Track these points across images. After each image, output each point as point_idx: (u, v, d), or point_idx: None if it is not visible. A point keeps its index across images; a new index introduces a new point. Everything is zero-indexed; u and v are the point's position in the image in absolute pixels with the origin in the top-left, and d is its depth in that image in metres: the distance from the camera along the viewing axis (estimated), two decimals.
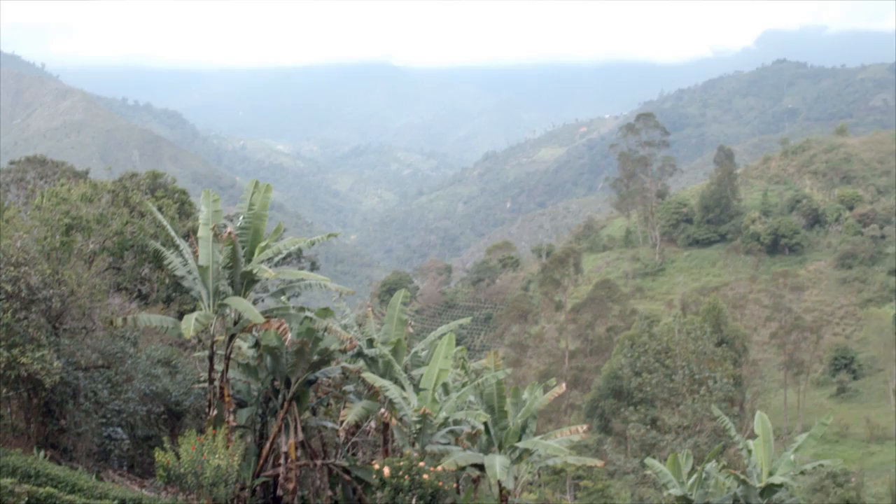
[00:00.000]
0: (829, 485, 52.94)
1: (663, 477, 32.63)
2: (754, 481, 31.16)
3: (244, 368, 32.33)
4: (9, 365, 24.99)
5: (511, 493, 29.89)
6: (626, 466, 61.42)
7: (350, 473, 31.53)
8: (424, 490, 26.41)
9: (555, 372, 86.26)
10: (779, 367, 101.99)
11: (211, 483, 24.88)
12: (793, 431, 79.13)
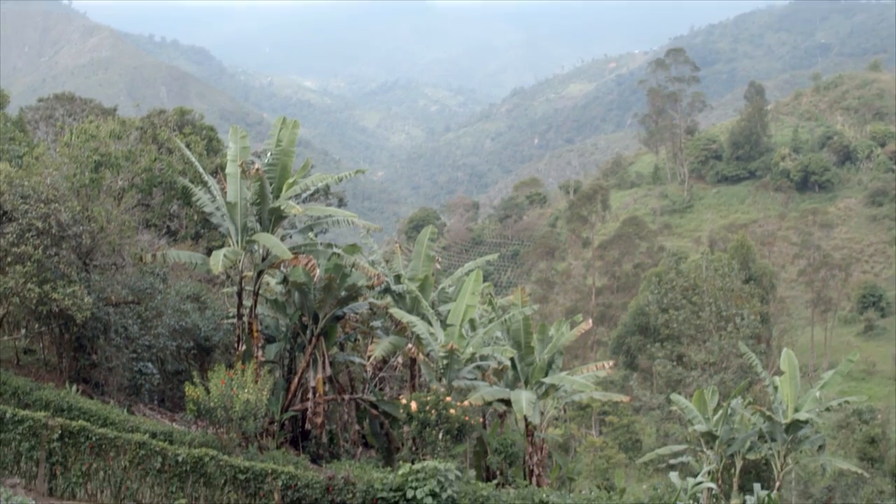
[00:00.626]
0: (855, 422, 53.00)
1: (689, 413, 32.78)
2: (780, 417, 31.23)
3: (272, 304, 32.59)
4: (41, 301, 25.29)
5: (537, 428, 30.13)
6: (652, 402, 61.70)
7: (377, 408, 31.86)
8: (451, 424, 26.64)
9: (581, 308, 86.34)
10: (806, 305, 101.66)
11: (240, 417, 25.18)
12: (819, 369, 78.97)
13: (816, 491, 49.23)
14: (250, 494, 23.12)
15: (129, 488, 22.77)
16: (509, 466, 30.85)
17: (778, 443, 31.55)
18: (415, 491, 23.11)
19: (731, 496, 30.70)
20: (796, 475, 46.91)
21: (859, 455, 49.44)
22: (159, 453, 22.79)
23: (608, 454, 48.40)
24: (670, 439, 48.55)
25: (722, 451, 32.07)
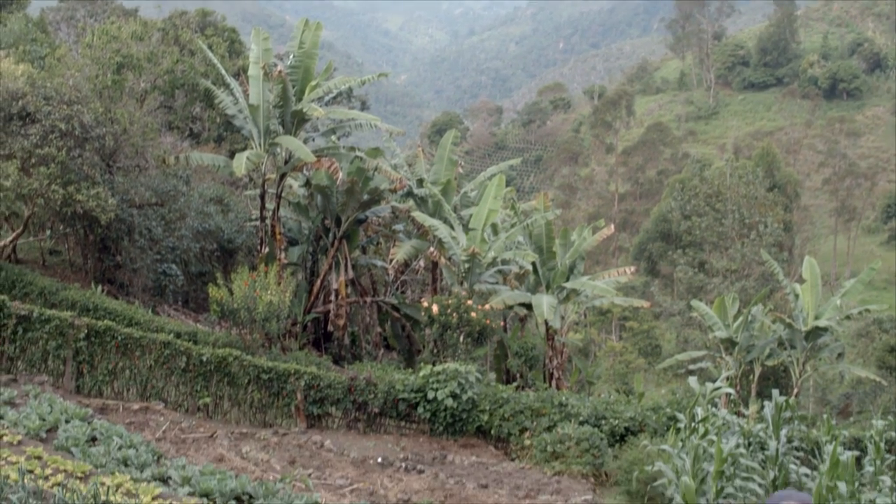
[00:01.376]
0: (875, 330, 53.03)
1: (709, 319, 32.86)
2: (800, 325, 31.27)
3: (295, 207, 32.70)
4: (65, 202, 25.43)
5: (557, 332, 30.32)
6: (673, 308, 61.87)
7: (399, 311, 32.13)
8: (472, 328, 26.86)
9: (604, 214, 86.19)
10: (830, 214, 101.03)
11: (263, 318, 25.46)
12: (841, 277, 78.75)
13: (834, 398, 49.56)
14: (273, 394, 23.49)
15: (155, 387, 23.15)
16: (529, 370, 31.15)
17: (797, 350, 31.66)
18: (435, 392, 23.41)
19: (749, 402, 30.94)
20: (814, 382, 47.21)
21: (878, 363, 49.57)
22: (184, 353, 23.11)
23: (628, 359, 48.78)
24: (690, 345, 48.77)
25: (741, 357, 32.22)
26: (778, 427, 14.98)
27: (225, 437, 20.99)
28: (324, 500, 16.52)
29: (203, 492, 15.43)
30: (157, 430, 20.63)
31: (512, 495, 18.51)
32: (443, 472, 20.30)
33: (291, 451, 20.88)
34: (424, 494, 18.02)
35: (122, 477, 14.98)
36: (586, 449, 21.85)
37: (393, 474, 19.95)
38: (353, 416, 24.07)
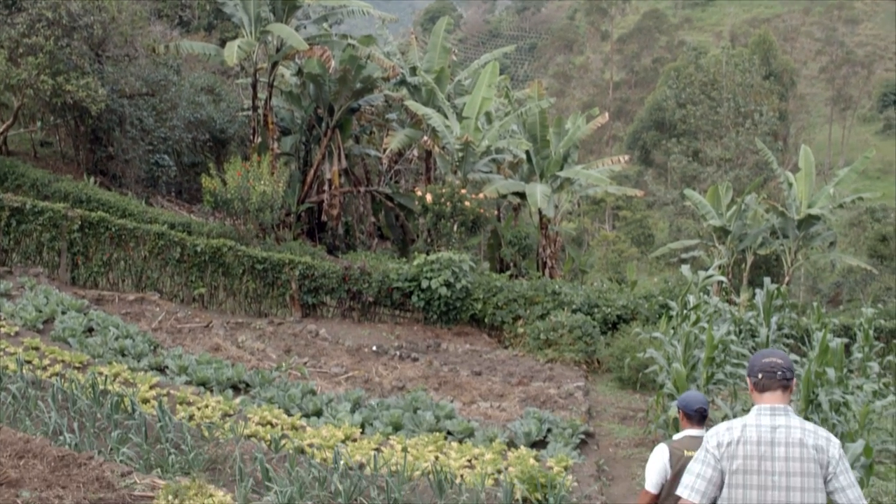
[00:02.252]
0: (867, 219, 53.21)
1: (702, 208, 32.90)
2: (793, 213, 31.35)
3: (287, 96, 32.38)
4: (54, 93, 25.13)
5: (551, 221, 30.38)
6: (666, 197, 61.87)
7: (393, 200, 32.11)
8: (466, 216, 26.87)
9: (598, 102, 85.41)
10: (826, 102, 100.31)
11: (257, 208, 25.44)
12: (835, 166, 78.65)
13: (825, 287, 49.96)
14: (268, 284, 23.61)
15: (150, 277, 23.24)
16: (523, 258, 31.30)
17: (789, 239, 31.80)
18: (429, 281, 23.53)
19: (740, 290, 31.19)
20: (805, 271, 47.49)
21: (869, 252, 49.85)
22: (178, 244, 23.15)
23: (621, 248, 48.92)
24: (683, 234, 48.95)
25: (734, 246, 32.37)
26: (769, 314, 15.11)
27: (220, 327, 21.16)
28: (319, 387, 16.73)
29: (200, 380, 15.62)
30: (153, 321, 20.79)
31: (505, 382, 18.75)
32: (437, 360, 20.53)
33: (287, 340, 21.07)
34: (419, 381, 18.24)
35: (119, 366, 15.15)
36: (579, 336, 22.07)
37: (388, 362, 20.17)
38: (347, 305, 24.24)
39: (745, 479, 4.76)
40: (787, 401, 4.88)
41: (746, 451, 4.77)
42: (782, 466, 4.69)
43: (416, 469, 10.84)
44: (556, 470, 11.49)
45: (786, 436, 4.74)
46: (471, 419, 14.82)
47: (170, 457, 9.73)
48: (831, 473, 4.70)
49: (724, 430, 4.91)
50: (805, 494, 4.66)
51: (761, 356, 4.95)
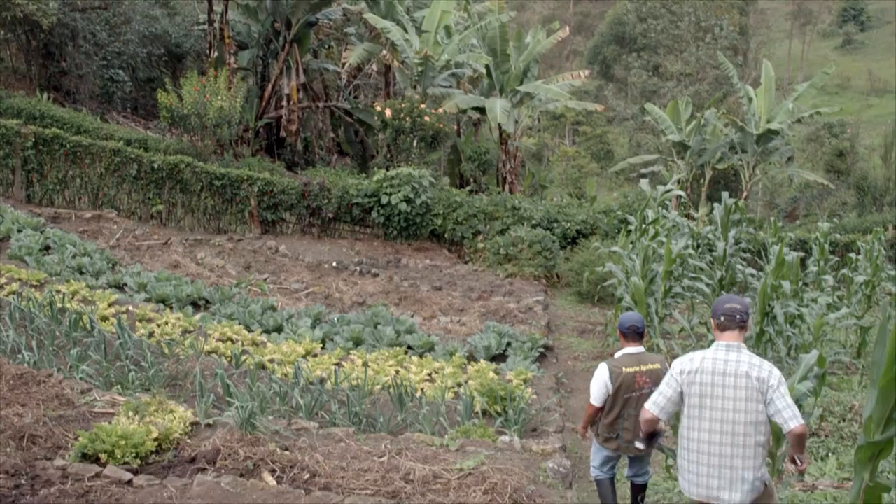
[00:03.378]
0: (825, 135, 53.50)
1: (662, 123, 32.95)
2: (752, 128, 31.45)
3: (244, 9, 31.79)
4: (3, 6, 24.52)
5: (511, 137, 30.29)
6: (626, 112, 61.85)
7: (352, 116, 31.82)
8: (425, 132, 26.70)
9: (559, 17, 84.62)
10: (786, 17, 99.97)
11: (214, 124, 25.14)
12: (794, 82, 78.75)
13: (782, 202, 50.38)
14: (227, 200, 23.44)
15: (106, 195, 22.99)
16: (483, 174, 31.24)
17: (748, 154, 31.95)
18: (389, 197, 23.47)
19: (699, 205, 31.42)
20: (763, 186, 47.86)
21: (826, 168, 50.24)
22: (135, 160, 22.88)
23: (580, 163, 48.96)
24: (642, 149, 48.95)
25: (693, 160, 32.51)
26: (726, 229, 15.22)
27: (179, 244, 21.03)
28: (280, 303, 16.73)
29: (159, 297, 15.55)
30: (110, 238, 20.61)
31: (465, 297, 18.84)
32: (397, 276, 20.57)
33: (246, 257, 21.00)
34: (379, 297, 18.29)
35: (77, 284, 15.04)
36: (538, 251, 22.17)
37: (348, 278, 20.18)
38: (307, 221, 24.15)
39: (700, 401, 5.71)
40: (742, 339, 5.79)
41: (703, 378, 5.70)
42: (730, 393, 5.62)
43: (376, 383, 10.91)
44: (516, 383, 11.61)
45: (735, 368, 5.65)
46: (431, 334, 14.91)
47: (130, 374, 9.72)
48: (769, 399, 5.57)
49: (688, 360, 5.84)
50: (747, 415, 5.58)
51: (723, 302, 5.87)
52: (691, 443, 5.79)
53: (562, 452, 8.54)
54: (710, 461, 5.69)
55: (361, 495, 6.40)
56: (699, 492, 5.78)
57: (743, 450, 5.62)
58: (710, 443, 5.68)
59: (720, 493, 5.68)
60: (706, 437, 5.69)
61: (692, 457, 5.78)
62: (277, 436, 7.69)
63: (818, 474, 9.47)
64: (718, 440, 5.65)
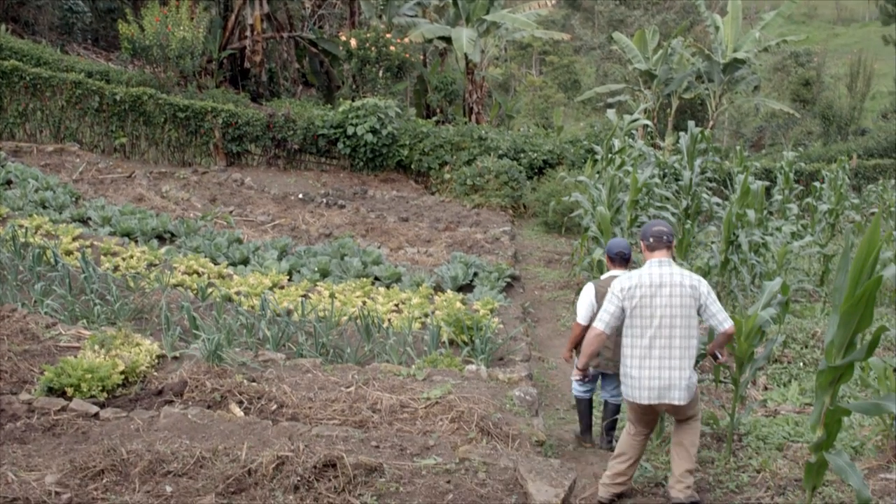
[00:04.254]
0: (791, 64, 53.54)
1: (629, 52, 32.77)
2: (718, 57, 31.38)
3: None
4: None
5: (477, 67, 30.07)
6: (593, 42, 61.52)
7: (317, 46, 31.43)
8: (391, 62, 26.48)
9: None
10: None
11: (177, 55, 24.79)
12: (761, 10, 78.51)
13: (748, 131, 50.53)
14: (191, 132, 23.22)
15: (68, 128, 22.68)
16: (449, 104, 31.07)
17: (714, 83, 31.92)
18: (355, 128, 23.34)
19: (665, 134, 31.44)
20: (730, 116, 47.93)
21: (792, 97, 50.34)
22: (96, 92, 22.55)
23: (547, 93, 48.72)
24: (609, 79, 48.82)
25: (659, 90, 32.43)
26: (692, 158, 15.24)
27: (143, 177, 20.84)
28: (246, 236, 16.68)
29: (124, 231, 15.45)
30: (73, 172, 20.38)
31: (432, 228, 18.85)
32: (364, 207, 20.53)
33: (212, 189, 20.87)
34: (346, 228, 18.26)
35: (40, 219, 14.91)
36: (505, 182, 22.17)
37: (314, 210, 20.12)
38: (272, 153, 24.00)
39: (640, 311, 6.26)
40: (670, 256, 6.46)
41: (642, 291, 6.27)
42: (667, 300, 6.21)
43: (343, 314, 10.93)
44: (483, 312, 11.67)
45: (669, 279, 6.27)
46: (398, 265, 14.93)
47: (95, 307, 9.68)
48: (703, 304, 6.27)
49: (626, 278, 6.40)
50: (682, 320, 6.19)
51: (651, 226, 6.55)
52: (634, 350, 6.29)
53: (528, 381, 8.63)
54: (652, 364, 6.22)
55: (329, 425, 6.43)
56: (641, 395, 6.28)
57: (680, 351, 6.20)
58: (651, 347, 6.22)
59: (661, 392, 6.22)
60: (647, 342, 6.23)
61: (635, 363, 6.28)
62: (244, 367, 7.71)
63: (780, 400, 9.63)
64: (658, 344, 6.21)
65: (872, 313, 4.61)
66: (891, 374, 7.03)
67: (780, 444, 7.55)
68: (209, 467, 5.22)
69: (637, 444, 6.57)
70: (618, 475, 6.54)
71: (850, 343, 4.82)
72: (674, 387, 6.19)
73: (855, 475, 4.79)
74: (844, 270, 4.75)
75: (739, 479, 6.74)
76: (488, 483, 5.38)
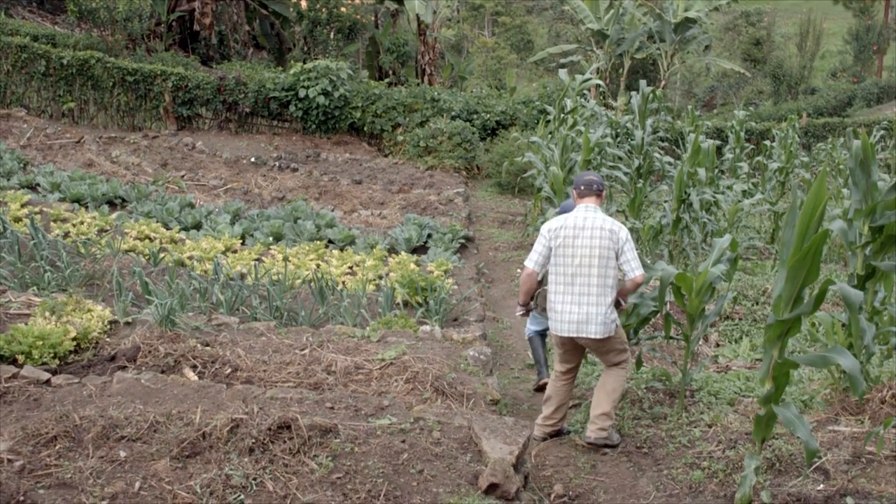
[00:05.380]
0: (742, 24, 53.88)
1: (580, 12, 32.72)
2: (669, 17, 31.44)
3: None
4: None
5: (430, 28, 29.91)
6: (545, 2, 61.41)
7: (267, 8, 31.09)
8: (342, 23, 26.31)
9: None
10: None
11: (124, 18, 24.45)
12: None
13: (700, 91, 50.86)
14: (140, 96, 22.95)
15: (15, 93, 22.34)
16: (402, 66, 30.92)
17: (666, 43, 32.00)
18: (307, 90, 23.19)
19: (618, 94, 31.51)
20: (682, 76, 48.14)
21: (743, 56, 50.69)
22: (42, 56, 22.20)
23: (500, 55, 48.69)
24: (562, 39, 48.81)
25: (611, 50, 32.44)
26: (644, 117, 15.32)
27: (93, 142, 20.59)
28: (198, 200, 16.56)
29: (74, 197, 15.28)
30: (21, 138, 20.09)
31: (385, 190, 18.82)
32: (317, 170, 20.45)
33: (163, 154, 20.66)
34: (299, 192, 18.19)
35: None
36: (458, 143, 22.16)
37: (267, 173, 20.01)
38: (224, 116, 23.79)
39: (563, 250, 6.82)
40: (599, 204, 7.01)
41: (566, 232, 6.82)
42: (588, 242, 6.75)
43: (297, 277, 10.91)
44: (437, 274, 11.70)
45: (592, 223, 6.80)
46: (352, 227, 14.91)
47: (45, 274, 9.58)
48: (620, 249, 6.77)
49: (554, 221, 6.98)
50: (601, 260, 6.72)
51: (583, 175, 7.13)
52: (557, 286, 6.86)
53: (482, 340, 8.68)
54: (573, 299, 6.78)
55: (283, 387, 6.44)
56: (562, 327, 6.84)
57: (597, 289, 6.73)
58: (572, 284, 6.79)
59: (579, 326, 6.76)
60: (569, 279, 6.80)
61: (558, 297, 6.85)
62: (198, 332, 7.67)
63: (732, 356, 9.77)
64: (578, 281, 6.77)
65: (819, 267, 4.68)
66: (839, 328, 7.15)
67: (732, 399, 7.67)
68: (163, 431, 5.21)
69: (561, 388, 7.14)
70: (547, 418, 7.17)
71: (797, 297, 4.89)
72: (591, 321, 6.73)
73: (802, 427, 4.88)
74: (791, 226, 4.81)
75: (691, 434, 6.85)
76: (443, 442, 5.42)
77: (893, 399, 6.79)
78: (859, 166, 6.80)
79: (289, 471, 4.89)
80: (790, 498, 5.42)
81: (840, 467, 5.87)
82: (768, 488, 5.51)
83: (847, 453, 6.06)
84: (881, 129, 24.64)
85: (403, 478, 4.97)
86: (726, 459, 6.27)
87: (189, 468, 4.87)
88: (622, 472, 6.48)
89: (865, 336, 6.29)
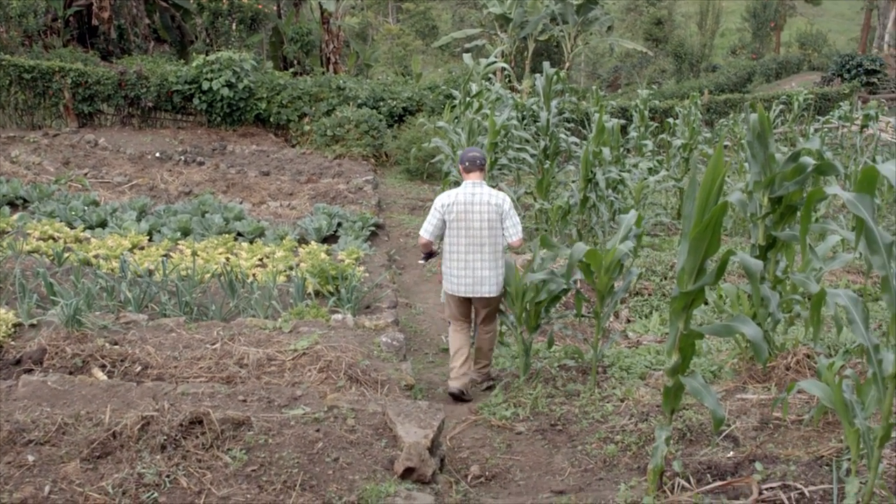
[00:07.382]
0: (643, 4, 54.63)
1: None
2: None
3: None
4: None
5: (333, 16, 29.76)
6: None
7: (167, 0, 30.62)
8: (244, 14, 26.05)
9: None
10: None
11: (19, 14, 23.94)
12: None
13: (604, 71, 51.41)
14: (39, 94, 22.47)
15: None
16: (306, 56, 30.73)
17: (569, 24, 32.30)
18: (210, 83, 22.94)
19: (523, 77, 31.71)
20: (585, 57, 48.65)
21: (645, 36, 51.37)
22: None
23: (405, 41, 48.59)
24: (466, 24, 48.91)
25: (515, 33, 32.63)
26: (549, 99, 15.41)
27: None
28: (103, 198, 16.26)
29: None
30: None
31: (294, 180, 18.70)
32: (223, 163, 20.23)
33: (64, 152, 20.23)
34: (206, 185, 17.98)
35: None
36: (366, 131, 22.13)
37: (172, 168, 19.73)
38: (126, 112, 23.41)
39: (456, 224, 7.80)
40: (482, 178, 7.94)
41: (458, 207, 7.80)
42: (478, 216, 7.76)
43: (206, 271, 10.78)
44: (347, 262, 11.66)
45: (479, 199, 7.80)
46: (261, 219, 14.78)
47: None
48: (503, 218, 7.78)
49: (446, 196, 7.89)
50: (490, 231, 7.77)
51: (468, 152, 7.99)
52: (452, 254, 7.90)
53: (395, 326, 8.69)
54: (465, 265, 7.84)
55: (195, 382, 6.37)
56: (457, 289, 7.92)
57: (489, 255, 7.81)
58: (466, 252, 7.83)
59: (474, 287, 7.85)
60: (462, 249, 7.83)
61: (453, 264, 7.90)
62: (106, 331, 7.55)
63: (642, 331, 9.93)
64: (471, 250, 7.81)
65: (719, 239, 4.77)
66: (744, 298, 7.31)
67: (643, 373, 7.81)
68: (72, 433, 5.12)
69: (461, 338, 8.08)
70: (461, 366, 7.99)
71: (700, 269, 4.97)
72: (485, 283, 7.85)
73: (709, 396, 4.97)
74: (692, 199, 4.88)
75: (604, 409, 6.95)
76: (358, 429, 5.42)
77: (798, 365, 6.98)
78: (757, 139, 6.93)
79: (202, 466, 4.85)
80: (701, 466, 5.52)
81: (749, 434, 6.00)
82: (680, 458, 5.62)
83: (755, 420, 6.20)
84: (780, 103, 25.19)
85: (319, 467, 4.97)
86: (639, 432, 6.38)
87: (100, 469, 4.80)
88: (537, 450, 6.55)
89: (770, 304, 6.43)
